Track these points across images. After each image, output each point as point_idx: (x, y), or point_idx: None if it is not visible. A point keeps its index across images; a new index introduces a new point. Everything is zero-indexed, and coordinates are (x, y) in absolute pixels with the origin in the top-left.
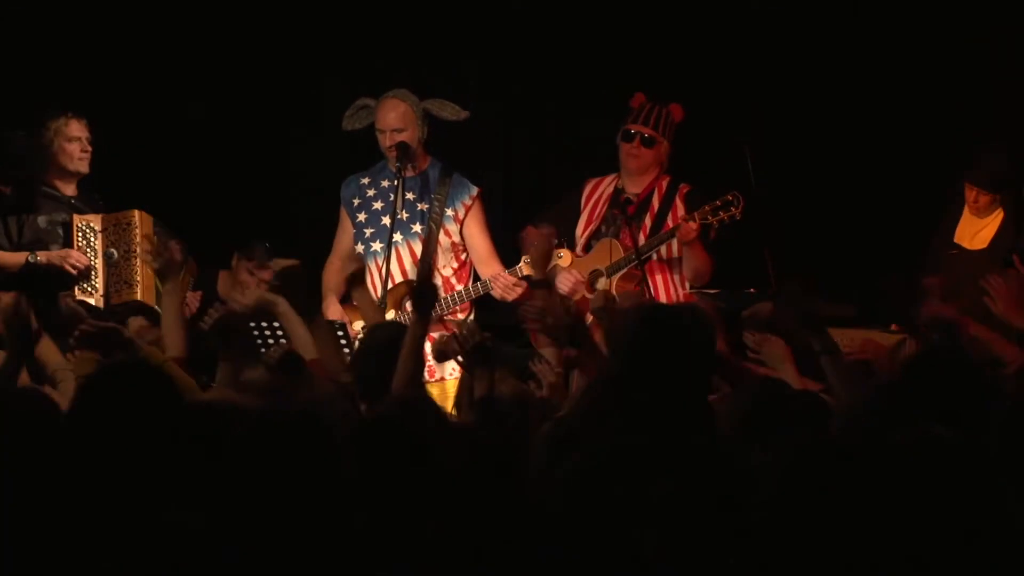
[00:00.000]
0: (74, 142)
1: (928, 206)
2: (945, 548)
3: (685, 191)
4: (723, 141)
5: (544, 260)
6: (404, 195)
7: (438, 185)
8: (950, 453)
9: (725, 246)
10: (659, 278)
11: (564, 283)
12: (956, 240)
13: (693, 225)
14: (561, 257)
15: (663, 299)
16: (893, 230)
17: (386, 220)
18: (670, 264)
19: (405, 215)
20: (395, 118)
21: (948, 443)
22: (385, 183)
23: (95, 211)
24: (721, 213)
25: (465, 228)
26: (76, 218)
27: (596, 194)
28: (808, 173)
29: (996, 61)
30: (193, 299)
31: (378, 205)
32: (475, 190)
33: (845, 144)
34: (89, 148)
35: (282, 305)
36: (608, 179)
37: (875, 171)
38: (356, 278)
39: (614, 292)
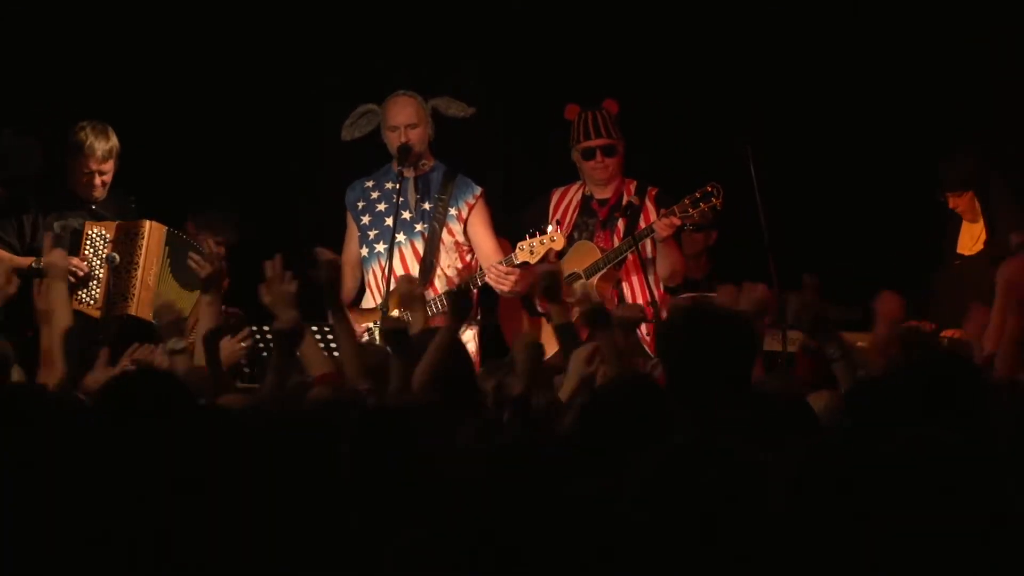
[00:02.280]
0: (86, 175)
1: (930, 206)
2: (947, 550)
3: (654, 193)
4: (724, 141)
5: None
6: (407, 195)
7: (441, 185)
8: (950, 455)
9: (727, 247)
10: (635, 279)
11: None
12: (958, 251)
13: (675, 220)
14: (555, 240)
15: (640, 299)
16: (896, 230)
17: (390, 221)
18: (645, 264)
19: (409, 215)
20: (409, 114)
21: (948, 445)
22: (389, 185)
23: (123, 215)
24: (702, 205)
25: (469, 227)
26: (88, 225)
27: (564, 202)
28: (811, 173)
29: (996, 61)
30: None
31: (382, 207)
32: (478, 190)
33: (848, 144)
34: (97, 183)
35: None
36: (574, 187)
37: (878, 171)
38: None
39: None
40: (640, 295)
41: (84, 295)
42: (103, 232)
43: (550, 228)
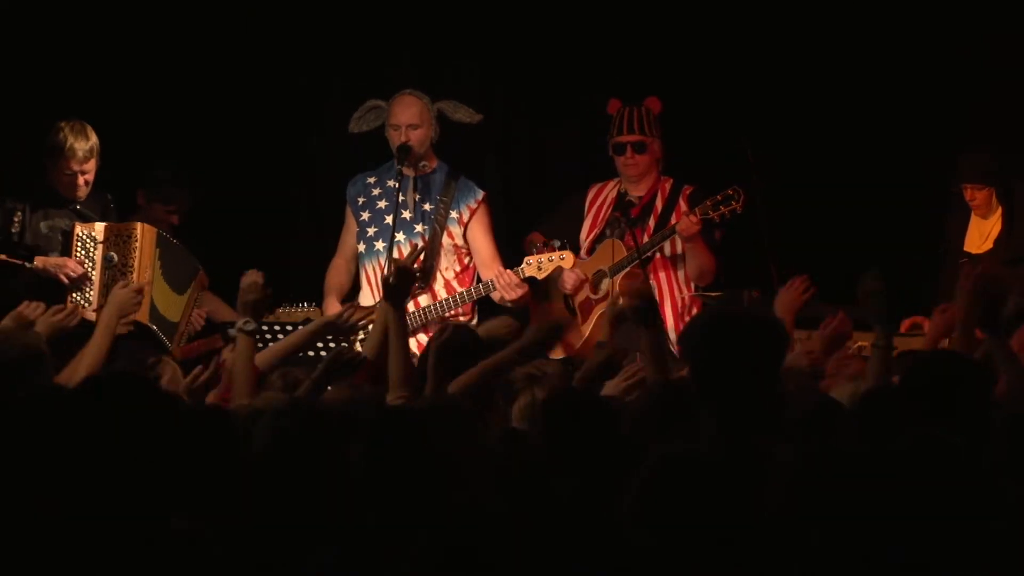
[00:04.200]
0: (67, 176)
1: (932, 204)
2: (947, 551)
3: (688, 192)
4: (725, 140)
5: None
6: (407, 195)
7: (444, 187)
8: (952, 456)
9: (728, 247)
10: (663, 276)
11: (568, 281)
12: (965, 249)
13: (694, 220)
14: (564, 259)
15: (667, 299)
16: (897, 229)
17: (389, 219)
18: (674, 263)
19: (409, 215)
20: (412, 114)
21: (950, 447)
22: (391, 183)
23: (103, 214)
24: (722, 208)
25: (469, 231)
26: (78, 226)
27: (599, 199)
28: (812, 172)
29: (998, 59)
30: (199, 317)
31: (382, 204)
32: (481, 194)
33: (849, 143)
34: (80, 183)
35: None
36: (611, 184)
37: (879, 169)
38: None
39: (618, 291)
40: (668, 293)
41: (78, 297)
42: (92, 233)
43: (557, 244)
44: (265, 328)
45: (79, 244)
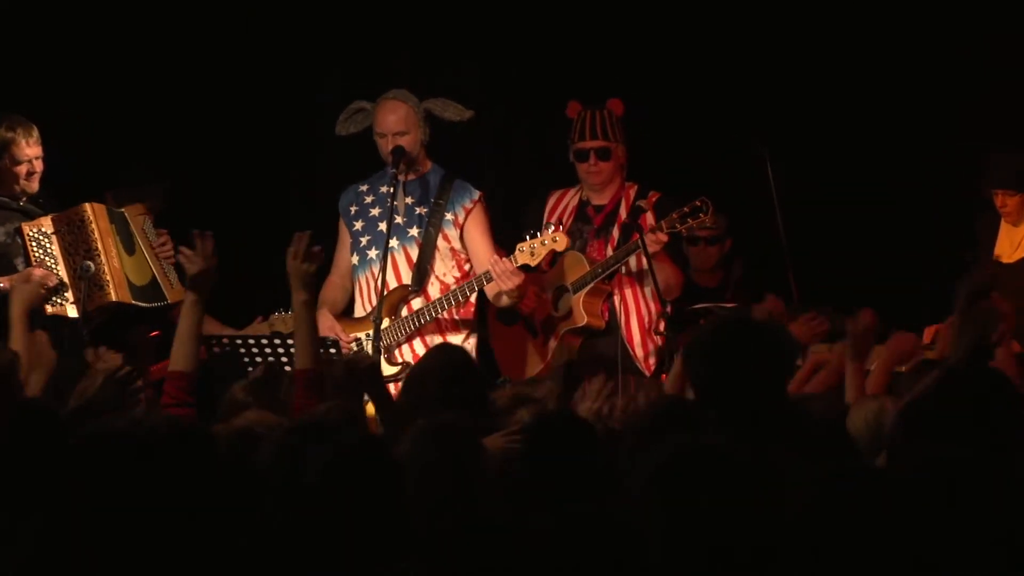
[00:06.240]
0: (22, 164)
1: (953, 212)
2: (959, 566)
3: (655, 199)
4: (741, 145)
5: None
6: (401, 199)
7: (439, 190)
8: (960, 472)
9: (743, 256)
10: (628, 292)
11: (527, 304)
12: (996, 255)
13: (662, 236)
14: (556, 241)
15: (634, 314)
16: (917, 239)
17: (383, 226)
18: (640, 277)
19: (403, 220)
20: (396, 121)
21: (959, 462)
22: (384, 189)
23: (48, 207)
24: (690, 220)
25: (465, 233)
26: (25, 226)
27: (560, 206)
28: (831, 178)
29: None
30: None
31: (375, 212)
32: (476, 194)
33: (868, 153)
34: (38, 169)
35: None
36: (572, 191)
37: (899, 179)
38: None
39: (581, 308)
40: (635, 308)
41: (56, 299)
42: (41, 228)
43: (551, 228)
44: (252, 341)
45: (33, 244)
